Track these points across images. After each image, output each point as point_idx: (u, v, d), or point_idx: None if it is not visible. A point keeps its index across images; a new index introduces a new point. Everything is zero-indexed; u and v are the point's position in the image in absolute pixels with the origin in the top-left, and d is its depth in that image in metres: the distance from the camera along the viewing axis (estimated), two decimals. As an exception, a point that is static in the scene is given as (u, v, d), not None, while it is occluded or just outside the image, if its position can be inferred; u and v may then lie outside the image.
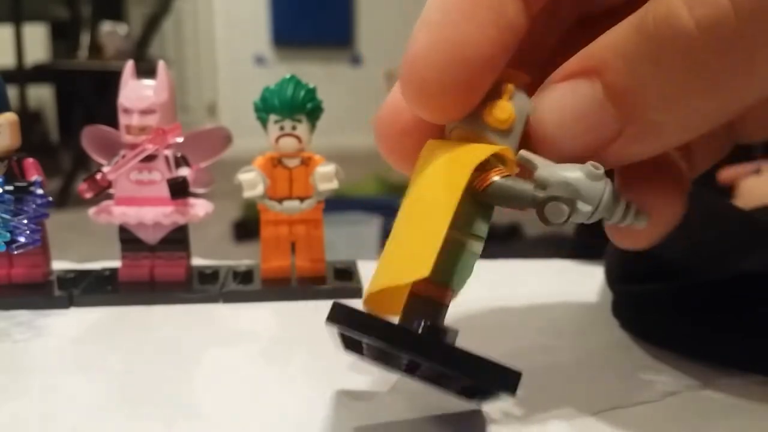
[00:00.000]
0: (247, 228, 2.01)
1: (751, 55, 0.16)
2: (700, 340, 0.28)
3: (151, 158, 0.37)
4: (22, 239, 0.34)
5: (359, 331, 0.19)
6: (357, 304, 0.34)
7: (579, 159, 0.19)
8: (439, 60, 0.18)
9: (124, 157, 0.36)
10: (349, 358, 0.29)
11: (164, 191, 0.36)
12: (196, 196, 0.38)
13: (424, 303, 0.20)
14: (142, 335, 0.32)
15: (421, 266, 0.17)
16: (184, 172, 0.37)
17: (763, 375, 0.26)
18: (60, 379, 0.27)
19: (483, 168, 0.19)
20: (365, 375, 0.27)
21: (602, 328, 0.25)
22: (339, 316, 0.19)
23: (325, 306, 0.19)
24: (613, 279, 0.33)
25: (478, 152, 0.19)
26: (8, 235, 0.33)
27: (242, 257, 0.46)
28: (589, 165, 0.19)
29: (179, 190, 0.36)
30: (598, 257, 0.37)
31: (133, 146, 0.36)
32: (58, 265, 0.39)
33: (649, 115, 0.18)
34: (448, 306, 0.20)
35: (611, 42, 0.18)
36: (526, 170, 0.20)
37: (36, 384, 0.27)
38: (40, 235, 0.35)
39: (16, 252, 0.34)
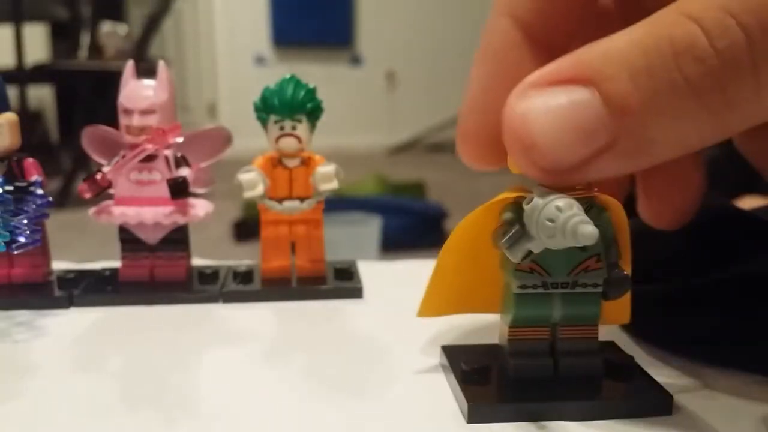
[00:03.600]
0: (247, 228, 2.00)
1: (758, 79, 0.17)
2: (700, 341, 0.28)
3: (151, 158, 0.37)
4: (22, 239, 0.34)
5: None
6: (358, 303, 0.34)
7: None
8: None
9: (124, 157, 0.36)
10: (347, 359, 0.29)
11: (164, 191, 0.36)
12: (196, 196, 0.38)
13: None
14: (142, 335, 0.32)
15: None
16: (184, 172, 0.37)
17: (763, 375, 0.26)
18: (60, 379, 0.27)
19: None
20: (364, 375, 0.27)
21: (602, 328, 0.25)
22: None
23: (325, 306, 0.19)
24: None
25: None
26: (8, 235, 0.33)
27: (242, 257, 0.46)
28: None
29: (179, 190, 0.36)
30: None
31: (133, 146, 0.36)
32: (58, 265, 0.39)
33: (648, 132, 0.18)
34: None
35: (614, 54, 0.18)
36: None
37: (36, 384, 0.27)
38: (40, 235, 0.35)
39: (16, 252, 0.34)
